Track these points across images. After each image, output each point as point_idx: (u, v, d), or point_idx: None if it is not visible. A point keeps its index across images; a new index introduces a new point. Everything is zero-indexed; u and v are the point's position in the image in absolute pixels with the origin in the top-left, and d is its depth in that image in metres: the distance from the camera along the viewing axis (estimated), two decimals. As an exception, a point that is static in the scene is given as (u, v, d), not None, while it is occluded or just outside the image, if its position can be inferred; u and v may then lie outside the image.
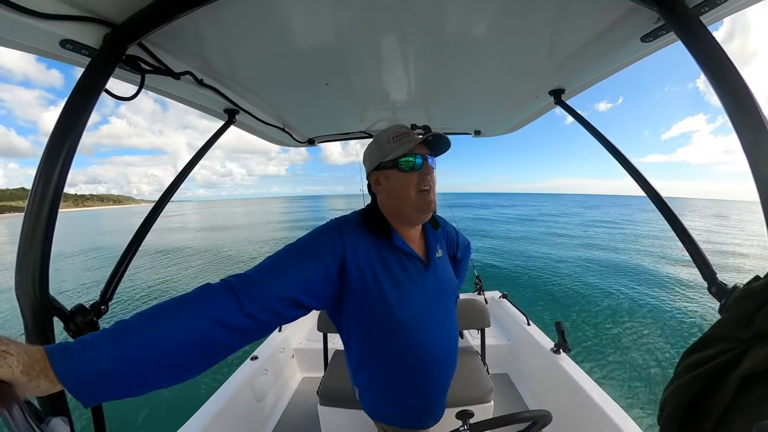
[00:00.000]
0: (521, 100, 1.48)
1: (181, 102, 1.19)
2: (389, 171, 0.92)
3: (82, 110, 0.65)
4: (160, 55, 0.85)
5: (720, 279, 0.73)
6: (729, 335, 0.50)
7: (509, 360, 2.56)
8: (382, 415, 1.03)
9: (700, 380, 0.51)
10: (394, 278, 0.89)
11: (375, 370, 0.97)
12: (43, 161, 0.61)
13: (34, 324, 0.61)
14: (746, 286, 0.53)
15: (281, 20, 0.80)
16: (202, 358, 0.61)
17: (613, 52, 0.97)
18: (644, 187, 0.95)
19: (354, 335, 0.94)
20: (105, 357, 0.51)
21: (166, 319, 0.58)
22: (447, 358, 1.00)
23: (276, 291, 0.70)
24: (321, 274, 0.79)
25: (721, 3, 0.66)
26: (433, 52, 1.02)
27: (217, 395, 1.87)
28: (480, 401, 1.60)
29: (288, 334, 2.70)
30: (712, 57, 0.61)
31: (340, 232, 0.87)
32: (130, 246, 0.94)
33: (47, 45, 0.70)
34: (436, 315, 0.96)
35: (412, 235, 1.00)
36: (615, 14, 0.80)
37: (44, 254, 0.61)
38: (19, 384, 0.44)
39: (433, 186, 0.93)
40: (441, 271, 1.02)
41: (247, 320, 0.64)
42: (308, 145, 2.14)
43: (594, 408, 1.62)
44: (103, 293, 0.84)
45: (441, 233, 1.14)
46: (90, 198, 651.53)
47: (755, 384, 0.44)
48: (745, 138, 0.57)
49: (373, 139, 0.97)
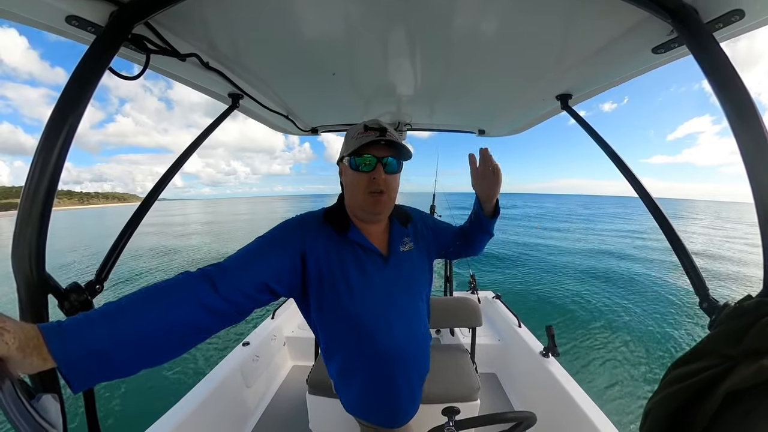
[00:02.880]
0: (527, 103, 1.47)
1: (185, 84, 1.17)
2: (345, 166, 0.94)
3: (86, 87, 0.64)
4: (167, 36, 0.84)
5: (712, 295, 0.73)
6: (717, 351, 0.51)
7: (498, 360, 2.58)
8: (354, 409, 1.04)
9: (685, 393, 0.52)
10: (347, 271, 0.91)
11: (339, 362, 0.99)
12: (44, 137, 0.61)
13: (28, 300, 0.61)
14: (738, 304, 0.53)
15: (291, 7, 0.79)
16: (186, 338, 0.65)
17: (623, 61, 0.97)
18: (642, 196, 0.95)
19: (318, 327, 0.97)
20: (98, 335, 0.53)
21: (152, 301, 0.62)
22: (410, 355, 0.98)
23: (248, 277, 0.75)
24: (286, 265, 0.84)
25: (735, 21, 0.66)
26: (442, 49, 1.01)
27: (207, 379, 1.88)
28: (467, 399, 1.62)
29: (280, 322, 2.72)
30: (723, 74, 0.61)
31: (301, 227, 0.91)
32: (128, 226, 0.93)
33: (53, 20, 0.69)
34: (396, 310, 0.95)
35: (373, 230, 1.00)
36: (628, 24, 0.80)
37: (41, 231, 0.61)
38: (13, 360, 0.44)
39: (389, 189, 0.91)
40: (406, 266, 1.01)
41: (224, 303, 0.69)
42: (311, 134, 2.13)
43: (579, 413, 1.65)
44: (99, 272, 0.83)
45: (413, 226, 1.10)
46: (95, 196, 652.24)
47: (739, 401, 0.45)
48: (748, 155, 0.58)
49: (349, 129, 0.97)
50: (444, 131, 2.18)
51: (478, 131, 2.13)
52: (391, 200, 0.95)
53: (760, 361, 0.44)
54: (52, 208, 0.62)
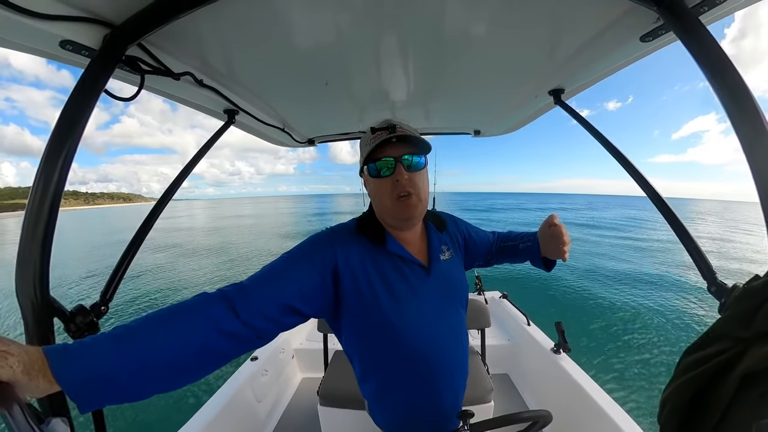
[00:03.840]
0: (520, 100, 1.48)
1: (181, 102, 1.19)
2: (366, 176, 0.89)
3: (82, 110, 0.65)
4: (160, 56, 0.85)
5: (720, 278, 0.73)
6: (729, 334, 0.50)
7: (509, 360, 2.55)
8: (393, 427, 0.98)
9: (700, 379, 0.51)
10: (390, 285, 0.85)
11: (380, 380, 0.92)
12: (44, 161, 0.61)
13: (34, 324, 0.61)
14: (746, 285, 0.53)
15: (280, 21, 0.80)
16: (200, 364, 0.61)
17: (612, 52, 0.97)
18: (644, 186, 0.95)
19: (354, 344, 0.90)
20: (104, 359, 0.51)
21: (164, 325, 0.59)
22: (455, 365, 0.94)
23: (271, 299, 0.70)
24: (315, 282, 0.78)
25: (720, 3, 0.66)
26: (432, 52, 1.02)
27: (217, 396, 1.87)
28: (480, 401, 1.60)
29: (288, 335, 2.70)
30: (712, 57, 0.61)
31: (331, 241, 0.85)
32: (131, 246, 0.93)
33: (47, 46, 0.70)
34: (441, 321, 0.91)
35: (410, 238, 0.94)
36: (614, 14, 0.80)
37: (44, 254, 0.61)
38: (20, 384, 0.44)
39: (417, 189, 0.84)
40: (446, 275, 0.95)
41: (244, 328, 0.64)
42: (308, 145, 2.14)
43: (594, 407, 1.62)
44: (103, 294, 0.83)
45: (447, 233, 1.05)
46: (101, 196, 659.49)
47: (755, 382, 0.45)
48: (745, 138, 0.57)
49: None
50: (440, 134, 2.19)
51: (474, 132, 2.14)
52: (422, 201, 0.86)
53: None
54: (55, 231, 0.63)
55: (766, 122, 0.56)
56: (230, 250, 17.76)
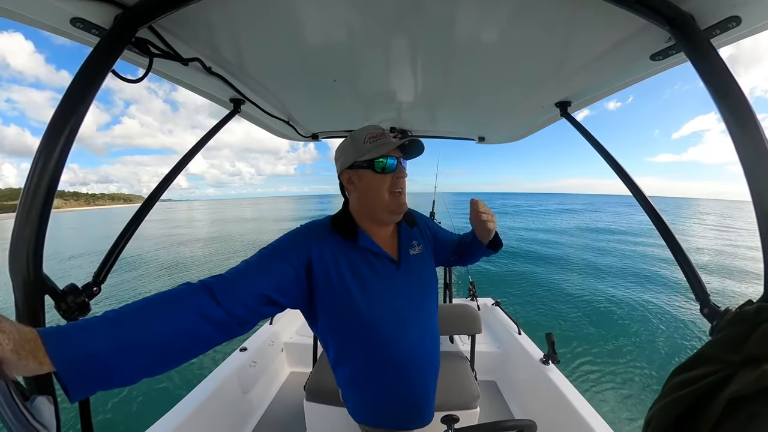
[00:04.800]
0: (527, 111, 1.48)
1: (187, 88, 1.18)
2: (363, 171, 0.93)
3: (88, 89, 0.65)
4: (170, 40, 0.85)
5: (713, 301, 0.73)
6: (719, 357, 0.50)
7: (498, 368, 2.56)
8: (364, 417, 1.02)
9: (687, 399, 0.51)
10: (361, 277, 0.90)
11: (351, 369, 0.97)
12: (46, 137, 0.61)
13: (24, 301, 0.61)
14: (739, 310, 0.53)
15: (294, 13, 0.80)
16: (186, 349, 0.65)
17: (622, 69, 0.98)
18: (643, 204, 0.95)
19: (328, 336, 0.95)
20: (98, 341, 0.53)
21: (153, 311, 0.62)
22: (425, 359, 0.98)
23: (249, 289, 0.75)
24: (290, 275, 0.83)
25: (732, 27, 0.67)
26: (443, 58, 1.02)
27: (203, 385, 1.87)
28: (466, 407, 1.60)
29: (278, 328, 2.69)
30: (721, 80, 0.62)
31: (306, 237, 0.90)
32: (127, 228, 0.93)
33: (57, 21, 0.69)
34: (410, 314, 0.96)
35: (383, 234, 1.00)
36: (626, 31, 0.81)
37: (39, 232, 0.61)
38: (8, 362, 0.44)
39: (404, 189, 0.95)
40: (417, 269, 1.01)
41: (225, 315, 0.69)
42: (311, 140, 2.14)
43: (579, 421, 1.63)
44: (96, 275, 0.83)
45: (418, 229, 1.12)
46: (101, 197, 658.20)
47: (742, 406, 0.45)
48: (747, 160, 0.58)
49: (349, 136, 0.98)
50: (444, 138, 2.19)
51: (478, 138, 2.14)
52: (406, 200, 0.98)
53: (762, 367, 0.44)
54: (52, 210, 0.62)
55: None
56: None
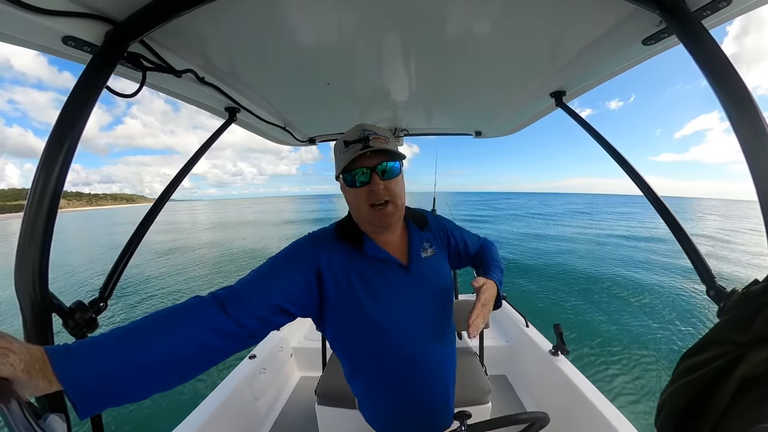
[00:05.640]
0: (522, 102, 1.48)
1: (182, 100, 1.19)
2: (341, 183, 0.89)
3: (83, 107, 0.65)
4: (162, 53, 0.85)
5: (719, 283, 0.73)
6: (727, 339, 0.50)
7: (507, 361, 2.56)
8: (382, 425, 1.00)
9: (697, 383, 0.51)
10: (370, 285, 0.87)
11: (366, 377, 0.95)
12: (44, 158, 0.61)
13: (33, 321, 0.61)
14: (745, 290, 0.53)
15: (283, 19, 0.80)
16: (196, 363, 0.64)
17: (614, 55, 0.97)
18: (644, 189, 0.96)
19: (340, 344, 0.94)
20: (105, 359, 0.52)
21: (163, 326, 0.61)
22: (441, 362, 0.96)
23: (260, 299, 0.73)
24: (301, 284, 0.81)
25: (723, 7, 0.66)
26: (435, 53, 1.02)
27: (215, 393, 1.87)
28: (478, 402, 1.60)
29: (287, 333, 2.70)
30: (714, 60, 0.62)
31: (314, 246, 0.88)
32: (130, 243, 0.93)
33: (49, 41, 0.70)
34: (423, 319, 0.92)
35: (390, 239, 0.95)
36: (616, 17, 0.80)
37: (43, 251, 0.61)
38: (19, 382, 0.44)
39: (393, 196, 0.84)
40: (428, 272, 0.96)
41: (237, 328, 0.68)
42: (309, 144, 2.14)
43: (592, 410, 1.62)
44: (102, 290, 0.83)
45: (430, 231, 1.05)
46: (103, 197, 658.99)
47: (753, 387, 0.45)
48: (745, 141, 0.58)
49: (338, 140, 0.89)
50: (441, 135, 2.19)
51: (475, 133, 2.14)
52: (398, 207, 0.87)
53: None
54: (54, 228, 0.63)
55: (766, 126, 0.56)
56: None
